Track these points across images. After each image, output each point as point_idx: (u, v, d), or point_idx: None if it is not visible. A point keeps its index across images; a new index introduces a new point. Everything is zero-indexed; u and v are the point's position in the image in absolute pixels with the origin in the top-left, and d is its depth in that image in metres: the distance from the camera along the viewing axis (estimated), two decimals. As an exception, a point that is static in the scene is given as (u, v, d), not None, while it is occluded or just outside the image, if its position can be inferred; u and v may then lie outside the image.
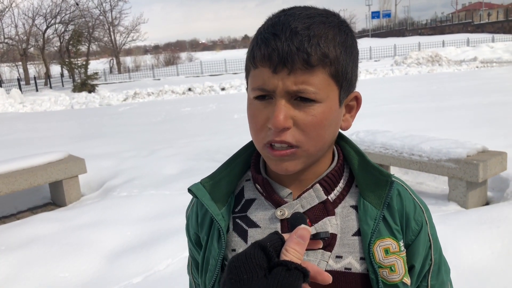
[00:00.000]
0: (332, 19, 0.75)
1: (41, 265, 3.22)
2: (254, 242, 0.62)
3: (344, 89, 0.77)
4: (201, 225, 0.90)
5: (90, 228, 3.83)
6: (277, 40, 0.71)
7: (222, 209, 0.85)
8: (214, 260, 0.84)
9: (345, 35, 0.76)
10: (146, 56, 57.75)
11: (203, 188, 0.87)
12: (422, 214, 0.86)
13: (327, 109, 0.75)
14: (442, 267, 0.90)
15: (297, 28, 0.71)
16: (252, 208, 0.86)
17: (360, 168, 0.84)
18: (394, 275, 0.79)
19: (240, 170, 0.90)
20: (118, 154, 6.71)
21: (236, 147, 1.00)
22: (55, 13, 33.64)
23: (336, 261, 0.79)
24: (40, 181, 4.82)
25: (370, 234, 0.79)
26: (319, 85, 0.73)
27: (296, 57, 0.70)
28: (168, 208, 4.17)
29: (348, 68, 0.76)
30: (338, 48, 0.73)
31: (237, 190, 0.90)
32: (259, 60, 0.73)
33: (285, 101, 0.73)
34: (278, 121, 0.72)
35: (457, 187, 3.99)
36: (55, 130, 10.55)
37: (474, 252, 2.87)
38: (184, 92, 20.05)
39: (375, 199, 0.81)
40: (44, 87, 28.58)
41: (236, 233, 0.85)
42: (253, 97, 0.77)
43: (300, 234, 0.63)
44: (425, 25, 66.73)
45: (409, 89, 12.97)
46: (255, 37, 0.77)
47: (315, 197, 0.81)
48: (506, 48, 27.71)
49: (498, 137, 5.65)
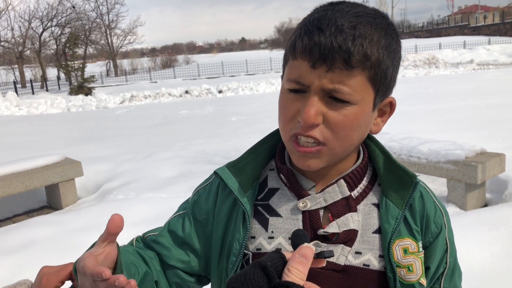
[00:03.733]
0: (379, 21, 0.74)
1: (37, 269, 3.16)
2: (254, 262, 0.58)
3: (380, 94, 0.76)
4: (219, 208, 0.89)
5: (87, 232, 3.79)
6: (321, 35, 0.70)
7: (247, 193, 0.84)
8: (238, 244, 0.83)
9: (390, 38, 0.74)
10: (143, 59, 57.70)
11: (228, 172, 0.87)
12: (442, 218, 0.86)
13: (360, 111, 0.74)
14: (456, 272, 0.91)
15: (343, 26, 0.69)
16: (275, 198, 0.85)
17: (385, 167, 0.84)
18: (411, 275, 0.80)
19: (265, 157, 0.89)
20: (115, 157, 6.67)
21: (234, 150, 0.98)
22: (51, 16, 33.63)
23: (355, 257, 0.79)
24: (36, 184, 4.78)
25: (391, 233, 0.79)
26: (356, 87, 0.71)
27: (337, 55, 0.69)
28: (165, 211, 4.13)
29: (388, 73, 0.75)
30: (381, 51, 0.72)
31: (261, 178, 0.89)
32: (300, 52, 0.72)
33: (318, 97, 0.72)
34: (309, 117, 0.71)
35: (455, 189, 3.98)
36: (52, 133, 10.50)
37: (474, 254, 2.85)
38: (181, 95, 20.03)
39: (398, 199, 0.81)
40: (40, 90, 28.51)
41: (257, 221, 0.85)
42: (287, 88, 0.76)
43: (303, 253, 0.61)
44: (422, 27, 67.10)
45: (406, 91, 12.99)
46: (299, 27, 0.75)
47: (338, 192, 0.81)
48: (503, 51, 27.86)
49: (496, 138, 5.65)
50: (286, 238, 0.81)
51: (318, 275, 0.77)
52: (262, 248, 0.82)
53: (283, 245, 0.81)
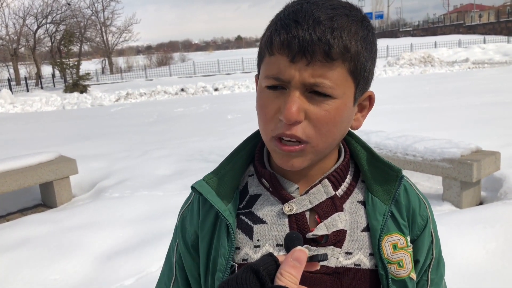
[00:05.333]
0: (355, 13, 0.72)
1: (31, 267, 3.17)
2: (246, 266, 0.57)
3: (360, 87, 0.75)
4: (202, 223, 0.85)
5: (81, 230, 3.77)
6: (299, 28, 0.68)
7: (228, 205, 0.81)
8: (224, 259, 0.79)
9: (366, 30, 0.73)
10: (138, 57, 57.48)
11: (206, 185, 0.83)
12: (426, 210, 0.86)
13: (342, 105, 0.72)
14: (441, 262, 0.91)
15: (320, 18, 0.68)
16: (258, 204, 0.82)
17: (369, 163, 0.82)
18: (402, 270, 0.79)
19: (243, 163, 0.86)
20: (110, 155, 6.64)
21: (230, 148, 0.97)
22: (46, 13, 33.35)
23: (346, 258, 0.78)
24: (30, 182, 4.75)
25: (380, 230, 0.78)
26: (337, 80, 0.70)
27: (317, 48, 0.67)
28: (161, 209, 4.12)
29: (367, 66, 0.73)
30: (359, 43, 0.70)
31: (241, 185, 0.86)
32: (277, 46, 0.70)
33: (299, 93, 0.70)
34: (291, 114, 0.69)
35: (451, 187, 3.99)
36: (46, 130, 10.45)
37: (469, 252, 2.86)
38: (177, 93, 19.99)
39: (384, 195, 0.80)
40: (35, 88, 28.34)
41: (241, 230, 0.81)
42: (265, 85, 0.73)
43: (296, 256, 0.59)
44: (417, 26, 67.19)
45: (402, 89, 13.02)
46: (274, 22, 0.73)
47: (323, 193, 0.79)
48: (497, 49, 27.96)
49: (491, 137, 5.67)
50: (273, 245, 0.78)
51: (309, 280, 0.74)
52: (249, 258, 0.79)
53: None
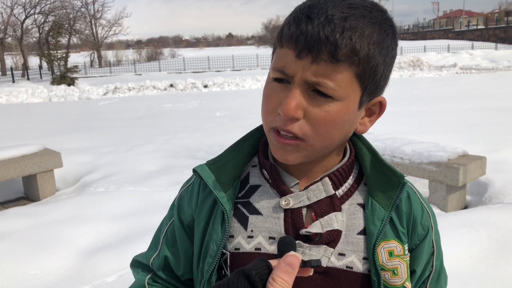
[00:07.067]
0: (375, 15, 0.69)
1: (11, 262, 3.10)
2: (238, 270, 0.56)
3: (368, 92, 0.72)
4: (200, 208, 0.84)
5: (64, 224, 3.71)
6: (309, 24, 0.66)
7: (227, 192, 0.81)
8: (216, 245, 0.78)
9: (385, 34, 0.70)
10: (128, 51, 56.96)
11: (208, 170, 0.82)
12: (429, 219, 0.84)
13: (344, 108, 0.70)
14: (441, 275, 0.89)
15: (333, 16, 0.65)
16: (256, 195, 0.81)
17: (372, 167, 0.81)
18: (396, 278, 0.77)
19: (247, 154, 0.85)
20: (96, 149, 6.56)
21: (218, 145, 0.95)
22: (34, 3, 32.83)
23: (338, 259, 0.76)
24: (13, 175, 4.66)
25: (376, 235, 0.76)
26: (341, 83, 0.67)
27: (323, 47, 0.65)
28: (146, 205, 4.08)
29: (378, 71, 0.70)
30: (372, 46, 0.67)
31: (242, 175, 0.85)
32: (286, 40, 0.69)
33: (301, 90, 0.69)
34: (288, 109, 0.68)
35: (437, 190, 4.01)
36: (31, 122, 10.28)
37: (453, 255, 2.87)
38: (166, 88, 19.87)
39: (384, 200, 0.78)
40: (21, 79, 27.90)
41: (236, 219, 0.81)
42: (272, 77, 0.72)
43: (289, 261, 0.58)
44: (407, 30, 67.85)
45: (390, 92, 13.06)
46: (291, 14, 0.71)
47: (322, 191, 0.78)
48: (485, 56, 28.38)
49: (478, 142, 5.73)
50: (266, 238, 0.77)
51: (299, 277, 0.74)
52: (241, 247, 0.79)
53: (263, 244, 0.77)
